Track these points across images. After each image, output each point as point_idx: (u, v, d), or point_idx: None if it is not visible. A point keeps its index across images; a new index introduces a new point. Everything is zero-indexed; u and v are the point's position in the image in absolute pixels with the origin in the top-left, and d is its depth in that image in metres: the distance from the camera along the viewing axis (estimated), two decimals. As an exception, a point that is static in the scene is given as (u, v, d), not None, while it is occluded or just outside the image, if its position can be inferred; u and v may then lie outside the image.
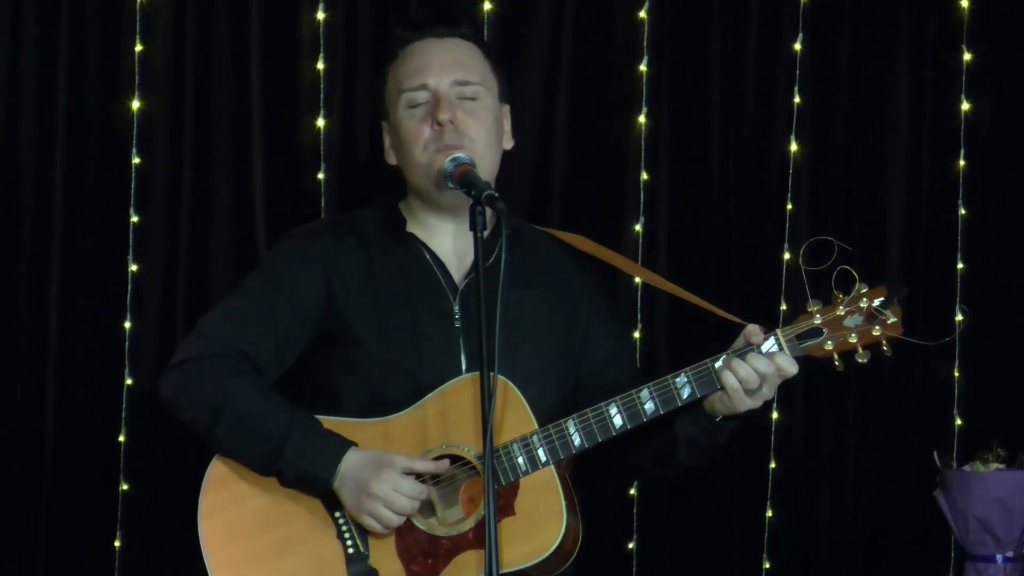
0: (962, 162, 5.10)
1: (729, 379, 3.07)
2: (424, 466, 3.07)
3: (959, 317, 5.08)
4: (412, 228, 3.31)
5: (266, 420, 3.12)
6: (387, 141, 3.37)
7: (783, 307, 5.04)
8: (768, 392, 3.11)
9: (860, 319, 3.10)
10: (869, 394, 5.08)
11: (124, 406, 4.68)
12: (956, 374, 5.09)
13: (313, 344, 3.28)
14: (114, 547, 4.66)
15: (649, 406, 3.10)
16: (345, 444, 3.09)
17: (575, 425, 3.10)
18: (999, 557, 4.73)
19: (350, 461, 3.08)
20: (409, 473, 3.06)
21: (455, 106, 3.24)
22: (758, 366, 3.07)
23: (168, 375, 3.24)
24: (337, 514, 3.11)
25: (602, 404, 3.10)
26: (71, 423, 4.68)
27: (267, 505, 3.13)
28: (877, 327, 3.09)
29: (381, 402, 3.17)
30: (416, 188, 3.29)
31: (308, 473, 3.09)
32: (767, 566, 5.02)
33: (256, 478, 3.15)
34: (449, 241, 3.30)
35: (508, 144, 3.38)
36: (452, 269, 3.28)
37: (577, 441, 3.09)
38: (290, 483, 3.12)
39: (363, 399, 3.19)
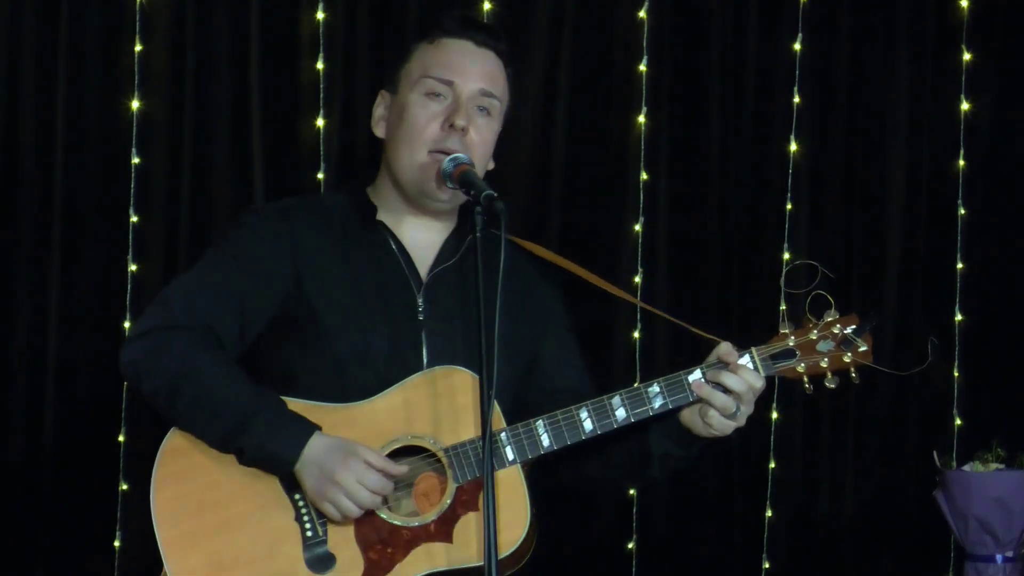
0: (962, 162, 5.11)
1: (713, 416, 3.08)
2: (382, 463, 3.05)
3: (959, 318, 5.09)
4: (382, 216, 3.27)
5: (231, 396, 3.07)
6: (380, 111, 3.29)
7: (782, 306, 5.03)
8: (748, 410, 3.12)
9: (832, 344, 3.13)
10: (869, 394, 5.09)
11: (124, 406, 4.68)
12: (956, 374, 5.10)
13: (271, 324, 3.20)
14: (114, 547, 4.67)
15: (620, 413, 3.09)
16: (310, 427, 3.07)
17: (544, 426, 3.09)
18: (999, 557, 4.74)
19: (314, 445, 3.05)
20: (373, 467, 3.04)
21: (471, 115, 3.22)
22: (732, 385, 3.08)
23: (131, 344, 3.15)
24: (297, 496, 3.08)
25: (572, 408, 3.09)
26: (71, 423, 4.68)
27: (222, 481, 3.08)
28: (848, 354, 3.12)
29: (340, 389, 3.13)
30: (395, 172, 3.23)
31: (271, 453, 3.05)
32: (767, 566, 5.02)
33: (212, 453, 3.08)
34: (416, 233, 3.26)
35: (491, 165, 3.35)
36: (417, 261, 3.25)
37: (546, 442, 3.08)
38: (250, 462, 3.07)
39: (321, 385, 3.14)
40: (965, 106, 5.09)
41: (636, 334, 4.94)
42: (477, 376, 2.92)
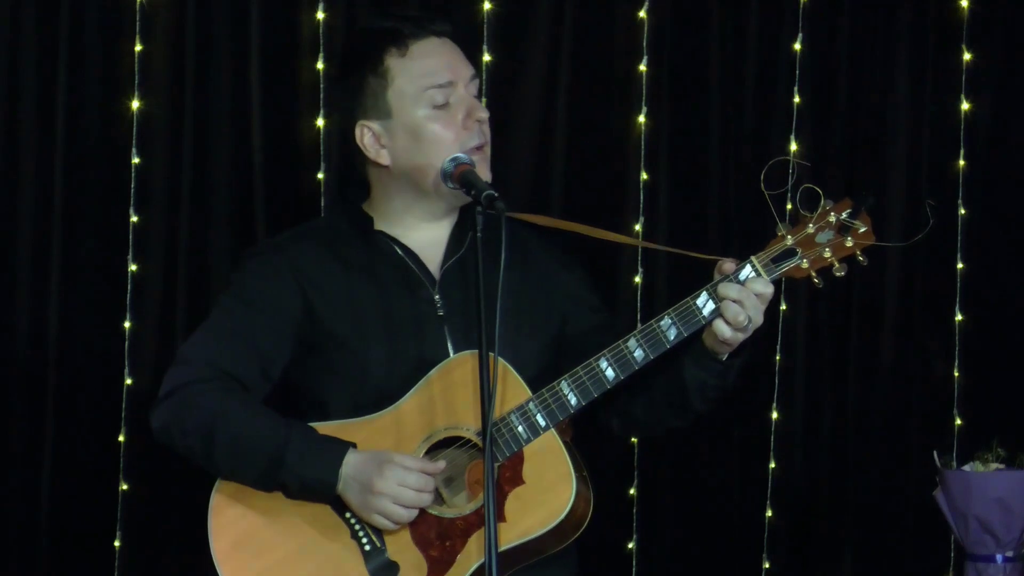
0: (962, 162, 5.10)
1: (722, 328, 3.06)
2: (419, 464, 3.06)
3: (959, 318, 5.09)
4: (380, 225, 3.26)
5: (261, 435, 3.08)
6: (369, 141, 3.18)
7: (783, 306, 5.04)
8: (756, 318, 3.08)
9: (831, 233, 3.10)
10: (869, 394, 5.09)
11: (124, 406, 4.69)
12: (956, 374, 5.10)
13: (296, 356, 3.21)
14: (114, 547, 4.67)
15: (639, 353, 3.08)
16: (343, 445, 3.08)
17: (568, 385, 3.08)
18: (999, 557, 4.73)
19: (350, 462, 3.06)
20: (410, 468, 3.05)
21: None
22: (730, 294, 3.06)
23: (157, 408, 3.16)
24: (348, 515, 3.09)
25: (591, 360, 3.08)
26: (71, 423, 4.68)
27: (275, 518, 3.11)
28: (849, 239, 3.08)
29: (373, 400, 3.14)
30: (428, 189, 3.22)
31: (312, 480, 3.06)
32: (767, 566, 5.02)
33: (260, 495, 3.11)
34: (420, 234, 3.25)
35: None
36: (426, 260, 3.24)
37: (573, 400, 3.08)
38: (295, 493, 3.09)
39: (354, 401, 3.15)
40: (965, 106, 5.09)
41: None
42: (491, 356, 2.92)
